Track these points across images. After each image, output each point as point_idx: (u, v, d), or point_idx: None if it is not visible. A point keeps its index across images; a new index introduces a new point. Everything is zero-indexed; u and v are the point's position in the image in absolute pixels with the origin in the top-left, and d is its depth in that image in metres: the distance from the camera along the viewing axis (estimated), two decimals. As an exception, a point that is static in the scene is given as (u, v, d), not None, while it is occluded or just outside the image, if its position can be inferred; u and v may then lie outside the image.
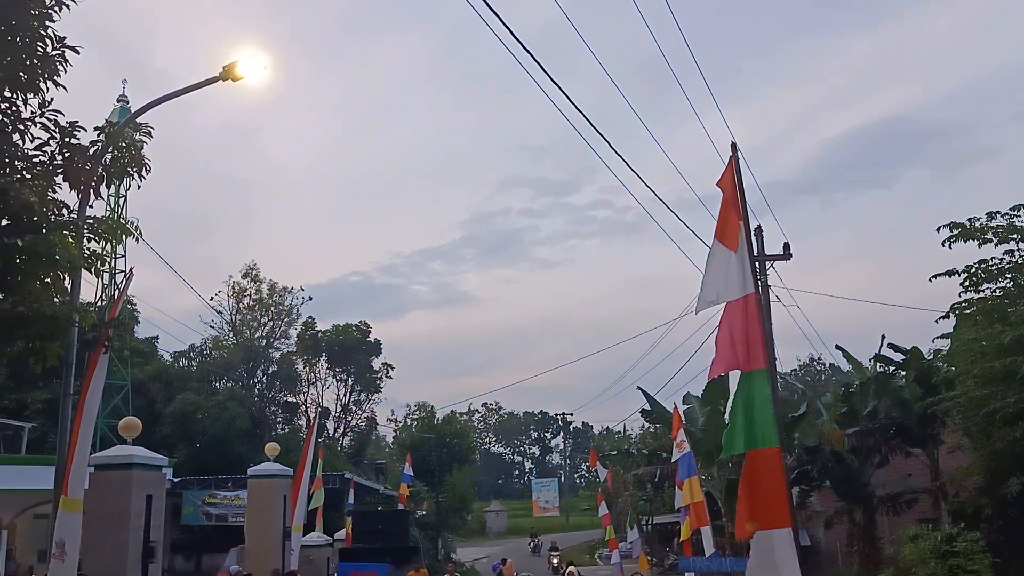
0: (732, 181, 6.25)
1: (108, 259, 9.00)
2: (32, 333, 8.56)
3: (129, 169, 8.58)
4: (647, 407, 25.02)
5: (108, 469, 12.84)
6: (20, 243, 7.38)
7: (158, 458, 14.46)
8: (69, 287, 9.98)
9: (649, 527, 36.50)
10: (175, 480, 31.01)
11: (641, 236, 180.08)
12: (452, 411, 70.52)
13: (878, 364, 22.52)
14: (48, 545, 10.34)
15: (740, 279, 6.10)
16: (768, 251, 18.41)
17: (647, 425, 42.21)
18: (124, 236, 8.67)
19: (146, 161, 8.67)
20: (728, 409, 5.93)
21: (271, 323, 50.29)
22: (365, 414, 54.54)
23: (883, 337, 21.88)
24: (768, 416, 5.79)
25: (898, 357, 22.25)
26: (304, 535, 21.04)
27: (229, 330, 49.97)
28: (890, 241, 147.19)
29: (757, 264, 12.02)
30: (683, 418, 16.94)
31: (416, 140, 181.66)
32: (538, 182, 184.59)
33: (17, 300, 8.28)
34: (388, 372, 54.04)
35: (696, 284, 6.58)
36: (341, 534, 26.22)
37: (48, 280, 8.20)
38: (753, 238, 7.11)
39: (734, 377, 6.26)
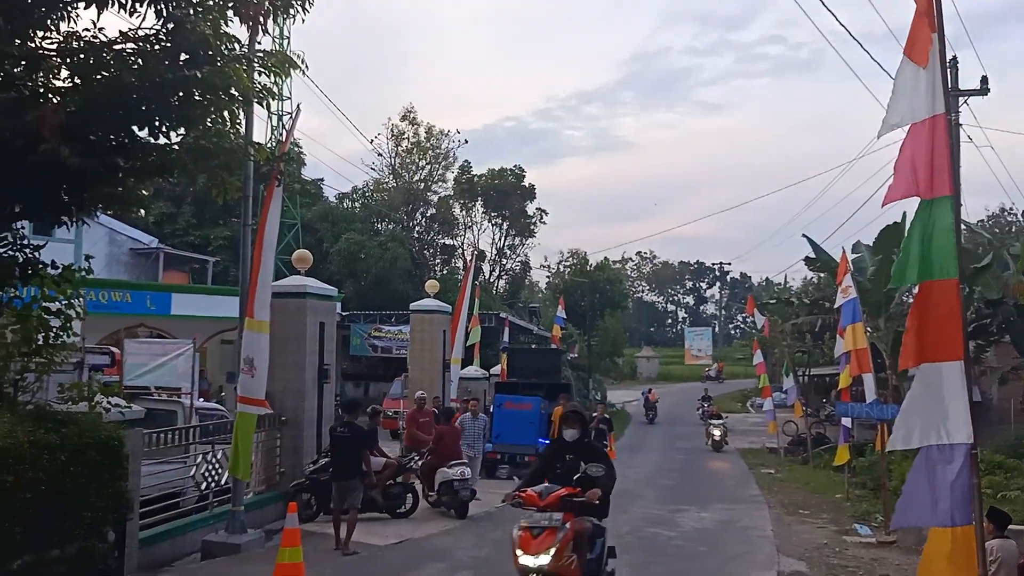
0: (927, -12, 5.60)
1: (276, 94, 9.30)
2: (213, 166, 9.13)
3: (293, 2, 8.70)
4: (811, 255, 24.09)
5: (285, 297, 13.70)
6: (199, 75, 7.71)
7: (329, 289, 15.37)
8: (243, 124, 10.51)
9: (805, 378, 35.99)
10: (343, 314, 33.09)
11: (815, 74, 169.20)
12: (605, 257, 70.93)
13: (1080, 210, 20.44)
14: (235, 366, 11.39)
15: (928, 98, 5.51)
16: (963, 86, 16.86)
17: (809, 276, 40.94)
18: (291, 69, 8.87)
19: (308, -6, 8.77)
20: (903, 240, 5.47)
21: (429, 166, 51.36)
22: (519, 258, 55.71)
23: (1089, 182, 19.69)
24: (948, 246, 5.37)
25: (1106, 202, 20.02)
26: (462, 368, 22.13)
27: (389, 173, 51.51)
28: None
29: (950, 100, 11.03)
30: (851, 265, 16.18)
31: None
32: (704, 16, 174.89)
33: (198, 135, 8.79)
34: (542, 217, 54.53)
35: (875, 122, 6.06)
36: (497, 369, 27.46)
37: (225, 114, 8.64)
38: (948, 71, 6.40)
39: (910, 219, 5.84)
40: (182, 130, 8.53)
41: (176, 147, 8.62)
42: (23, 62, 7.89)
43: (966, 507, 5.38)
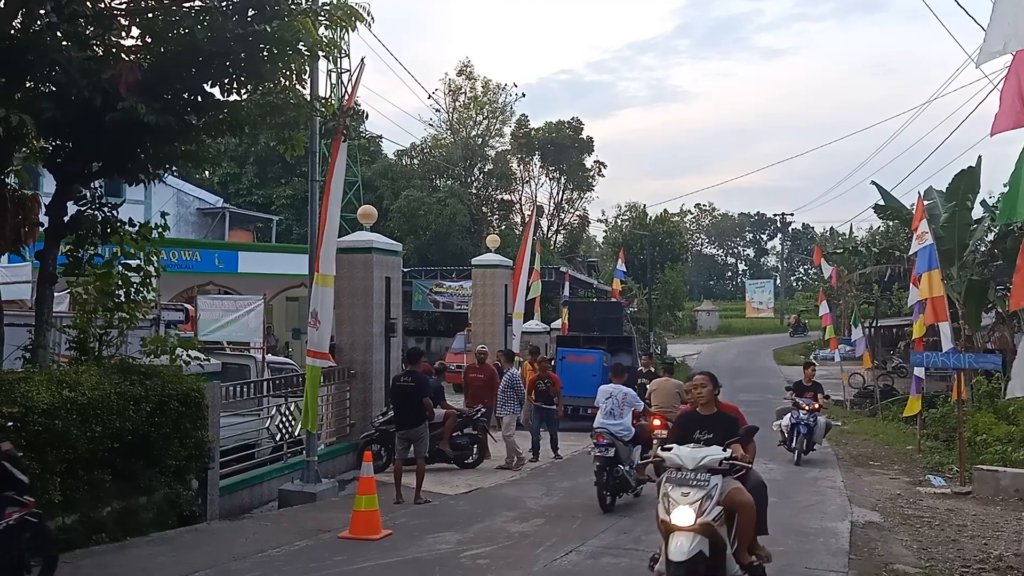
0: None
1: (343, 48, 9.26)
2: (282, 122, 9.19)
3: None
4: (881, 203, 23.38)
5: (351, 252, 13.84)
6: (268, 29, 7.73)
7: (394, 244, 15.49)
8: (308, 80, 10.52)
9: (871, 330, 35.24)
10: (404, 270, 33.31)
11: (881, 15, 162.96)
12: (664, 210, 69.97)
13: None
14: (301, 322, 11.56)
15: (1034, 23, 5.20)
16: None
17: (876, 225, 39.91)
18: (357, 22, 8.83)
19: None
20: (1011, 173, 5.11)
21: (486, 121, 51.01)
22: (577, 212, 55.27)
23: None
24: (1055, 182, 5.12)
25: None
26: (523, 323, 22.14)
27: (447, 128, 51.34)
28: None
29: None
30: (925, 211, 15.62)
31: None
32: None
33: (266, 91, 8.84)
34: (600, 170, 53.87)
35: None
36: (557, 323, 27.45)
37: (292, 70, 8.66)
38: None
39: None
40: (251, 87, 8.59)
41: (246, 103, 8.70)
42: (94, 22, 8.00)
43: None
